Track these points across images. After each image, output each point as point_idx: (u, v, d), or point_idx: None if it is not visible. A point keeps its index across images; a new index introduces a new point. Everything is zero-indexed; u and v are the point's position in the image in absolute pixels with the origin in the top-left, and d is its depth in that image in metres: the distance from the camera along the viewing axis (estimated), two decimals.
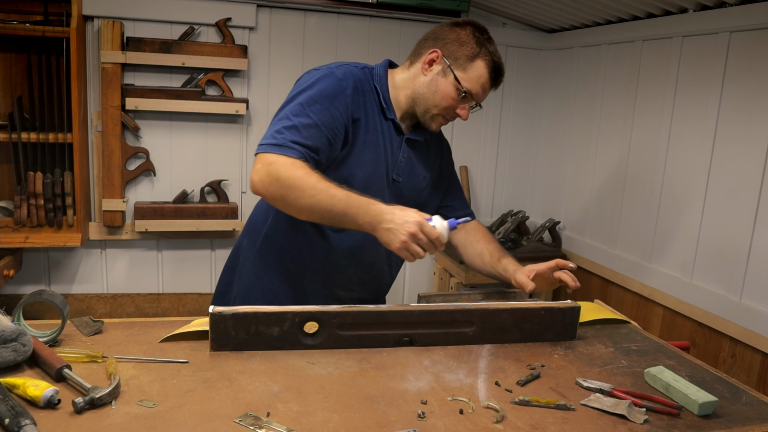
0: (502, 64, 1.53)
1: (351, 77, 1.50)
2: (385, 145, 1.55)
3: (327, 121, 1.42)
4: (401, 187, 1.60)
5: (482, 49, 1.49)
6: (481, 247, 1.73)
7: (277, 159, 1.36)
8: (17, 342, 1.12)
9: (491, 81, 1.53)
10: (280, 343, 1.30)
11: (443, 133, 1.77)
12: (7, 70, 2.70)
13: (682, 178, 2.49)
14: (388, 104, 1.55)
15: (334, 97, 1.44)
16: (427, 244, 1.31)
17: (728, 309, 2.25)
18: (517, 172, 3.53)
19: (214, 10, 2.87)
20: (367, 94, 1.53)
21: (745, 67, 2.21)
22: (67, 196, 2.71)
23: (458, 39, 1.50)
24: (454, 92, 1.51)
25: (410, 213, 1.32)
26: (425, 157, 1.66)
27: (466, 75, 1.50)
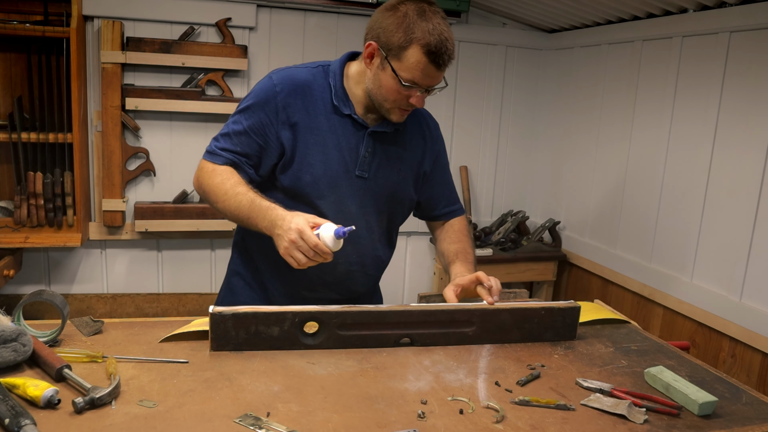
0: (443, 41, 1.36)
1: (287, 81, 1.47)
2: (340, 143, 1.49)
3: (256, 127, 1.47)
4: (370, 183, 1.54)
5: (414, 33, 1.35)
6: (445, 247, 1.69)
7: (205, 165, 1.49)
8: (17, 342, 1.12)
9: (432, 64, 1.38)
10: (280, 343, 1.30)
11: (429, 121, 1.68)
12: (7, 70, 2.70)
13: (682, 178, 2.49)
14: (343, 100, 1.49)
15: (265, 103, 1.46)
16: (308, 251, 1.27)
17: (728, 309, 2.25)
18: (517, 172, 3.53)
19: (214, 10, 2.87)
20: (311, 94, 1.48)
21: (745, 67, 2.21)
22: (67, 196, 2.71)
23: (390, 26, 1.37)
24: (397, 84, 1.40)
25: (297, 219, 1.29)
26: (400, 149, 1.58)
27: (402, 64, 1.38)
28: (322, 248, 1.27)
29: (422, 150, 1.64)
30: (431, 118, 1.69)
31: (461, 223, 1.75)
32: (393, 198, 1.58)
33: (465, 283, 1.49)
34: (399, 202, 1.61)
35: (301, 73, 1.50)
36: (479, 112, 3.38)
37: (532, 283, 3.39)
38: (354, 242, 1.52)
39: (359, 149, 1.51)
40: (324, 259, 1.30)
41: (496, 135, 3.43)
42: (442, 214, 1.73)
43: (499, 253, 3.11)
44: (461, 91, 3.33)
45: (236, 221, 1.45)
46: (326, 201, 1.50)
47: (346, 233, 1.27)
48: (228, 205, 1.42)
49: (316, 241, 1.27)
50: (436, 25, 1.36)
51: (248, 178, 1.50)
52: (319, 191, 1.49)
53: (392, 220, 1.63)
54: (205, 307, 2.90)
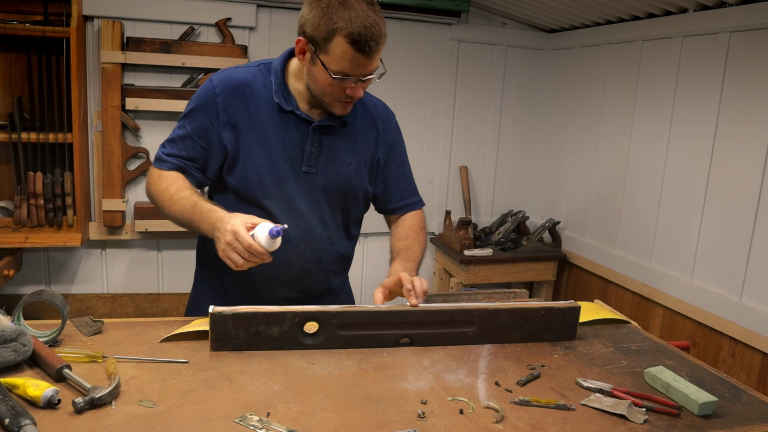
0: (367, 27, 1.31)
1: (226, 82, 1.46)
2: (284, 140, 1.47)
3: (198, 129, 1.47)
4: (318, 178, 1.51)
5: (336, 23, 1.31)
6: (392, 244, 1.67)
7: (153, 172, 1.50)
8: (17, 342, 1.12)
9: (359, 53, 1.32)
10: (280, 343, 1.30)
11: (383, 112, 1.64)
12: (7, 70, 2.70)
13: (682, 178, 2.49)
14: (285, 97, 1.47)
15: (205, 105, 1.46)
16: (244, 252, 1.26)
17: (728, 309, 2.25)
18: (517, 172, 3.53)
19: (214, 10, 2.87)
20: (252, 94, 1.47)
21: (745, 67, 2.21)
22: (67, 196, 2.71)
23: (314, 19, 1.34)
24: (328, 77, 1.36)
25: (234, 221, 1.28)
26: (350, 142, 1.55)
27: (330, 57, 1.34)
28: (256, 248, 1.25)
29: (374, 141, 1.60)
30: (385, 109, 1.66)
31: (413, 219, 1.71)
32: (345, 192, 1.55)
33: (390, 285, 1.46)
34: (352, 196, 1.58)
35: (241, 73, 1.49)
36: (479, 112, 3.38)
37: (532, 283, 3.39)
38: (308, 239, 1.52)
39: (305, 145, 1.49)
40: (261, 260, 1.28)
41: (496, 135, 3.44)
42: (398, 208, 1.70)
43: (499, 253, 3.11)
44: (461, 91, 3.33)
45: (182, 226, 1.44)
46: (274, 199, 1.49)
47: (280, 232, 1.25)
48: (173, 210, 1.43)
49: (250, 241, 1.25)
50: (359, 12, 1.31)
51: (196, 182, 1.51)
52: (266, 190, 1.48)
53: (347, 213, 1.61)
54: None
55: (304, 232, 1.52)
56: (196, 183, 1.51)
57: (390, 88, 3.17)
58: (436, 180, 3.38)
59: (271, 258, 1.30)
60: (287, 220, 1.48)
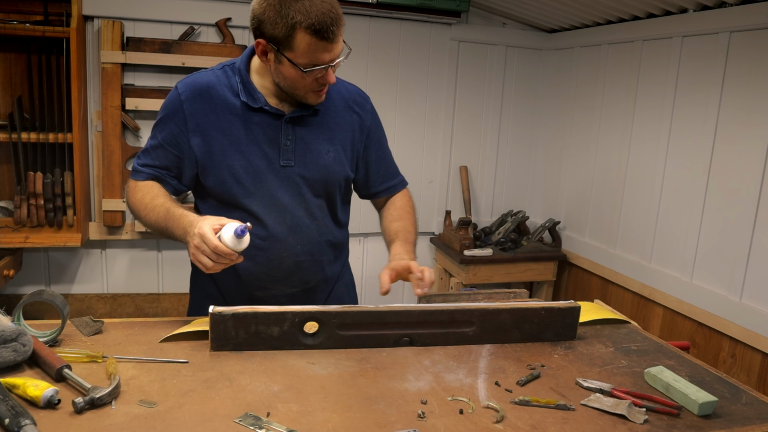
0: (324, 14, 1.30)
1: (191, 87, 1.46)
2: (257, 137, 1.47)
3: (168, 138, 1.48)
4: (298, 170, 1.50)
5: (293, 17, 1.29)
6: (386, 225, 1.67)
7: (130, 183, 1.52)
8: (17, 342, 1.12)
9: (323, 41, 1.32)
10: (280, 343, 1.30)
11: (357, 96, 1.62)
12: (7, 70, 2.70)
13: (682, 178, 2.49)
14: (251, 94, 1.46)
15: (173, 113, 1.47)
16: (211, 255, 1.25)
17: (728, 309, 2.25)
18: (517, 172, 3.53)
19: (214, 10, 2.87)
20: (218, 96, 1.46)
21: (745, 67, 2.21)
22: (67, 196, 2.71)
23: (268, 17, 1.32)
24: (298, 72, 1.36)
25: (201, 224, 1.28)
26: (326, 130, 1.54)
27: (295, 53, 1.33)
28: (223, 249, 1.25)
29: (351, 126, 1.59)
30: (359, 93, 1.63)
31: (403, 199, 1.71)
32: (326, 180, 1.54)
33: (399, 269, 1.47)
34: (334, 183, 1.57)
35: (205, 77, 1.48)
36: (479, 112, 3.38)
37: (532, 283, 3.39)
38: (296, 233, 1.52)
39: (279, 139, 1.48)
40: (230, 260, 1.28)
41: (496, 135, 3.44)
42: (381, 191, 1.70)
43: (499, 253, 3.11)
44: (461, 91, 3.33)
45: (159, 234, 1.44)
46: (255, 198, 1.49)
47: (245, 231, 1.25)
48: (149, 218, 1.44)
49: (216, 243, 1.25)
50: (312, 1, 1.29)
51: (173, 189, 1.52)
52: (246, 190, 1.48)
53: (332, 201, 1.60)
54: None
55: (290, 227, 1.52)
56: (173, 190, 1.51)
57: (390, 88, 3.17)
58: (436, 180, 3.38)
59: (242, 258, 1.29)
60: (272, 217, 1.49)
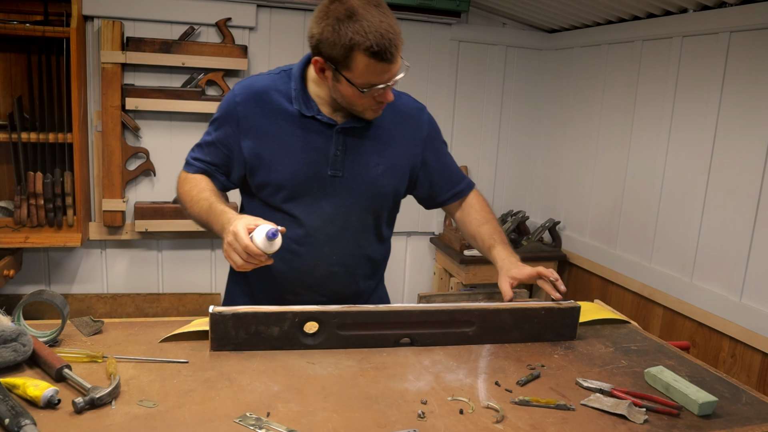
0: (382, 35, 1.27)
1: (246, 90, 1.48)
2: (307, 145, 1.47)
3: (221, 138, 1.51)
4: (346, 182, 1.49)
5: (351, 38, 1.28)
6: (474, 230, 1.67)
7: (180, 174, 1.56)
8: (17, 342, 1.12)
9: (382, 62, 1.30)
10: (280, 343, 1.30)
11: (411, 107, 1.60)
12: (7, 70, 2.70)
13: (682, 178, 2.49)
14: (305, 102, 1.46)
15: (227, 114, 1.49)
16: (242, 253, 1.27)
17: (728, 309, 2.25)
18: (517, 172, 3.53)
19: (214, 10, 2.87)
20: (271, 101, 1.47)
21: (745, 67, 2.21)
22: (67, 196, 2.71)
23: (327, 37, 1.31)
24: (356, 92, 1.36)
25: (237, 222, 1.29)
26: (378, 143, 1.52)
27: (353, 73, 1.33)
28: (253, 250, 1.26)
29: (405, 140, 1.57)
30: (414, 105, 1.62)
31: (479, 200, 1.70)
32: (375, 193, 1.53)
33: (523, 277, 1.49)
34: (382, 198, 1.56)
35: (261, 81, 1.50)
36: (479, 112, 3.38)
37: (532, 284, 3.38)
38: (334, 243, 1.52)
39: (329, 149, 1.47)
40: (259, 261, 1.29)
41: (496, 135, 3.43)
42: (448, 198, 1.69)
43: None
44: (461, 91, 3.33)
45: (202, 226, 1.48)
46: (298, 204, 1.49)
47: (276, 234, 1.26)
48: (194, 211, 1.48)
49: (247, 242, 1.26)
50: (370, 20, 1.27)
51: (221, 185, 1.54)
52: (289, 195, 1.49)
53: (379, 215, 1.58)
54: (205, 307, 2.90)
55: (329, 236, 1.51)
56: (221, 186, 1.54)
57: None
58: None
59: (272, 260, 1.30)
60: (311, 224, 1.49)
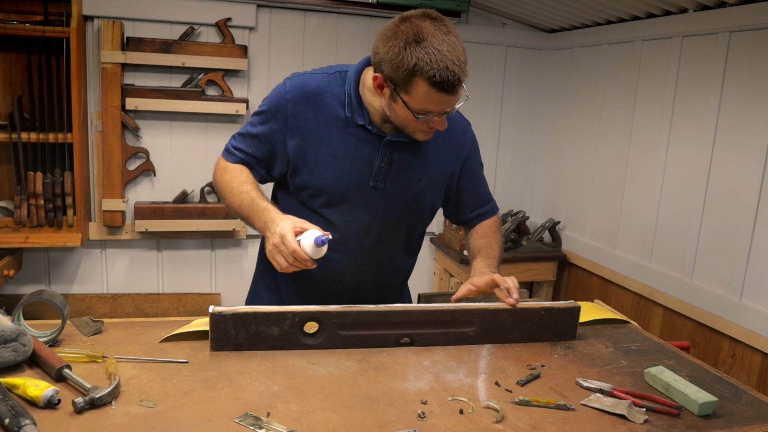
0: (447, 66, 1.24)
1: (299, 88, 1.44)
2: (353, 154, 1.44)
3: (267, 133, 1.48)
4: (386, 194, 1.48)
5: (415, 64, 1.25)
6: (471, 243, 1.67)
7: (220, 162, 1.54)
8: (17, 342, 1.12)
9: (441, 92, 1.27)
10: (280, 343, 1.30)
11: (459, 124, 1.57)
12: (7, 70, 2.70)
13: (682, 178, 2.49)
14: (358, 110, 1.43)
15: (276, 110, 1.46)
16: (288, 257, 1.27)
17: (728, 309, 2.25)
18: (517, 172, 3.53)
19: (214, 10, 2.87)
20: (323, 103, 1.44)
21: (745, 67, 2.21)
22: (67, 196, 2.71)
23: (391, 58, 1.28)
24: (411, 115, 1.33)
25: (284, 223, 1.29)
26: (422, 158, 1.50)
27: (412, 98, 1.30)
28: (301, 255, 1.26)
29: (449, 157, 1.55)
30: (461, 121, 1.59)
31: (491, 221, 1.70)
32: (412, 208, 1.52)
33: (481, 285, 1.47)
34: (419, 211, 1.55)
35: (315, 80, 1.46)
36: (479, 112, 3.38)
37: (532, 283, 3.39)
38: (366, 253, 1.51)
39: (374, 159, 1.45)
40: (305, 266, 1.28)
41: (496, 135, 3.44)
42: (472, 218, 1.68)
43: None
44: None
45: (239, 218, 1.47)
46: (336, 211, 1.48)
47: (325, 242, 1.26)
48: (233, 202, 1.45)
49: (295, 247, 1.26)
50: (439, 47, 1.24)
51: (260, 178, 1.52)
52: (329, 201, 1.47)
53: (412, 228, 1.58)
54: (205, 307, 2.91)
55: (362, 246, 1.51)
56: (259, 178, 1.52)
57: None
58: None
59: (315, 265, 1.29)
60: (348, 232, 1.48)
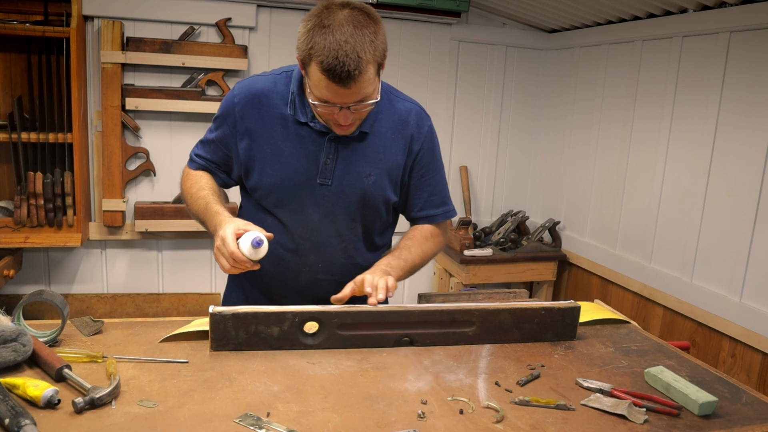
0: (340, 57, 1.22)
1: (246, 90, 1.47)
2: (299, 152, 1.45)
3: (221, 137, 1.52)
4: (334, 190, 1.47)
5: (313, 48, 1.24)
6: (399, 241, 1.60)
7: (184, 170, 1.59)
8: (17, 342, 1.12)
9: (333, 82, 1.25)
10: (280, 343, 1.30)
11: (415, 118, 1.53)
12: (7, 70, 2.70)
13: (682, 177, 2.49)
14: (300, 108, 1.44)
15: (226, 114, 1.50)
16: (228, 259, 1.29)
17: (728, 309, 2.25)
18: (517, 172, 3.53)
19: (214, 10, 2.87)
20: (269, 103, 1.45)
21: (745, 67, 2.21)
22: (67, 196, 2.71)
23: (299, 39, 1.29)
24: (313, 100, 1.33)
25: (227, 226, 1.31)
26: (371, 152, 1.48)
27: (311, 81, 1.30)
28: (238, 256, 1.28)
29: (397, 150, 1.51)
30: (417, 114, 1.54)
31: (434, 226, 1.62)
32: (364, 203, 1.51)
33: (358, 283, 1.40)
34: (373, 207, 1.53)
35: (261, 82, 1.48)
36: (479, 112, 3.38)
37: (532, 283, 3.39)
38: (319, 251, 1.52)
39: (320, 156, 1.45)
40: (245, 267, 1.31)
41: (496, 135, 3.43)
42: (420, 218, 1.62)
43: (499, 253, 3.11)
44: (461, 91, 3.33)
45: (199, 223, 1.51)
46: (286, 210, 1.49)
47: (260, 243, 1.28)
48: (192, 207, 1.51)
49: (233, 249, 1.28)
50: (339, 37, 1.23)
51: (222, 182, 1.57)
52: (278, 200, 1.49)
53: (369, 224, 1.56)
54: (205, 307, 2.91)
55: (315, 244, 1.51)
56: (222, 183, 1.57)
57: None
58: None
59: (258, 266, 1.32)
60: (298, 231, 1.50)
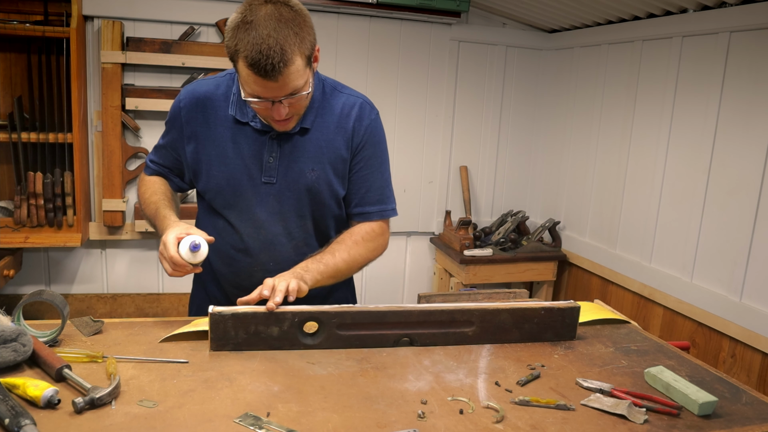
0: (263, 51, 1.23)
1: (190, 95, 1.49)
2: (242, 152, 1.46)
3: (170, 142, 1.56)
4: (280, 188, 1.48)
5: (237, 44, 1.25)
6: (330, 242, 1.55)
7: (140, 175, 1.65)
8: (17, 342, 1.12)
9: (259, 76, 1.26)
10: (280, 343, 1.30)
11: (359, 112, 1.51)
12: (7, 70, 2.70)
13: (682, 177, 2.49)
14: (240, 108, 1.45)
15: (174, 119, 1.53)
16: (169, 262, 1.32)
17: (728, 309, 2.25)
18: (517, 172, 3.53)
19: (214, 10, 2.87)
20: (212, 106, 1.47)
21: (745, 67, 2.21)
22: (67, 196, 2.71)
23: (226, 36, 1.29)
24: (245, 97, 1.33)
25: (170, 231, 1.34)
26: (314, 148, 1.47)
27: (241, 78, 1.31)
28: (177, 260, 1.31)
29: (339, 144, 1.50)
30: (362, 107, 1.52)
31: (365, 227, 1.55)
32: (311, 199, 1.51)
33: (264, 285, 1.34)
34: (320, 203, 1.52)
35: (205, 85, 1.50)
36: (479, 112, 3.38)
37: (532, 283, 3.39)
38: (269, 250, 1.52)
39: (263, 155, 1.46)
40: (186, 271, 1.33)
41: (496, 135, 3.44)
42: (354, 215, 1.58)
43: (499, 253, 3.11)
44: (461, 91, 3.33)
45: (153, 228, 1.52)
46: (233, 211, 1.51)
47: (197, 247, 1.32)
48: (146, 213, 1.54)
49: (172, 254, 1.31)
50: (261, 32, 1.23)
51: (177, 187, 1.61)
52: (225, 201, 1.51)
53: (320, 220, 1.55)
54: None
55: (264, 243, 1.52)
56: (176, 188, 1.61)
57: (390, 88, 3.17)
58: (436, 180, 3.38)
59: (199, 269, 1.36)
60: (247, 231, 1.52)
